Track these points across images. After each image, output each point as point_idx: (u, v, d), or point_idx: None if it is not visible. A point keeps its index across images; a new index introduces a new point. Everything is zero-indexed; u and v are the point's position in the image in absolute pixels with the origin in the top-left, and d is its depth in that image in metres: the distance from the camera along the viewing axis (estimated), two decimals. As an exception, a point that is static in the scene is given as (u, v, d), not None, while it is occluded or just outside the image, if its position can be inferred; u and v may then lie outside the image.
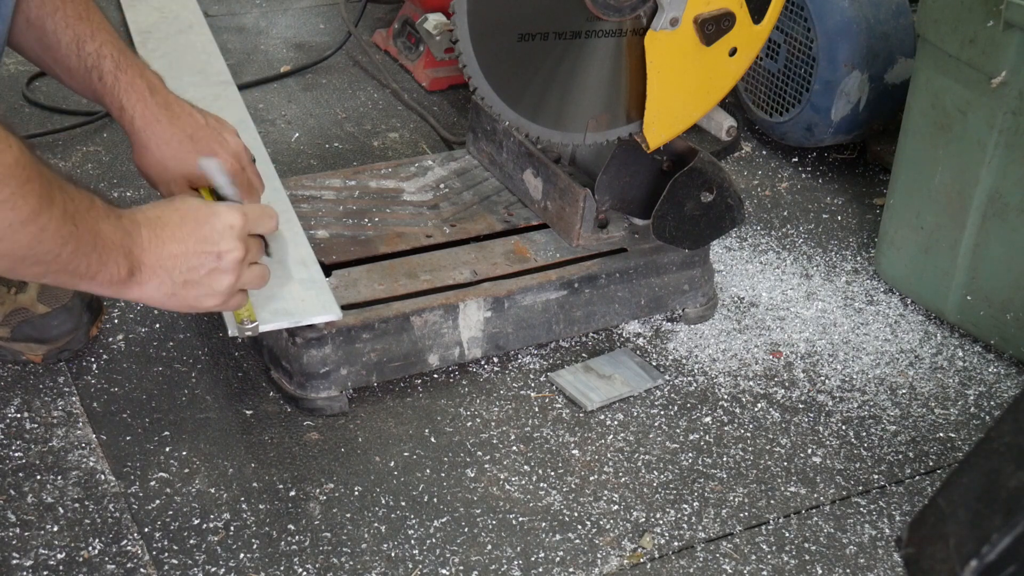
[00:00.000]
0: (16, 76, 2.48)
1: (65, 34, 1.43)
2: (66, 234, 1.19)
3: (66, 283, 1.26)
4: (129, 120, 1.47)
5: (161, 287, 1.32)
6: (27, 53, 1.48)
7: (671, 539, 1.56)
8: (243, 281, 1.39)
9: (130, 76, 1.46)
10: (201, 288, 1.34)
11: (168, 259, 1.31)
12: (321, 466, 1.62)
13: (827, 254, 2.17)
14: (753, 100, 2.43)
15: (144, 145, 1.47)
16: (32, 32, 1.43)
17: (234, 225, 1.35)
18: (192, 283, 1.34)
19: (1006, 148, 1.80)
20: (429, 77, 2.59)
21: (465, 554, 1.51)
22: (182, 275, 1.32)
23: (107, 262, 1.25)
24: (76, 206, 1.21)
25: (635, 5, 1.64)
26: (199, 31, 2.10)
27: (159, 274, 1.31)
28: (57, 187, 1.19)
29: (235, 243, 1.35)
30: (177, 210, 1.33)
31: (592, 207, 1.83)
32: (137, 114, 1.46)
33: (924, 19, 1.87)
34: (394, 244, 1.85)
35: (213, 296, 1.36)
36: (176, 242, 1.31)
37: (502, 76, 1.64)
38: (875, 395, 1.84)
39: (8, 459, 1.58)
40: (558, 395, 1.78)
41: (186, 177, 1.48)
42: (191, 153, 1.48)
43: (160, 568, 1.45)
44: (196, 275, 1.33)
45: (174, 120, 1.48)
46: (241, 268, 1.37)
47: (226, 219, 1.35)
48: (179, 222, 1.32)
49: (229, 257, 1.34)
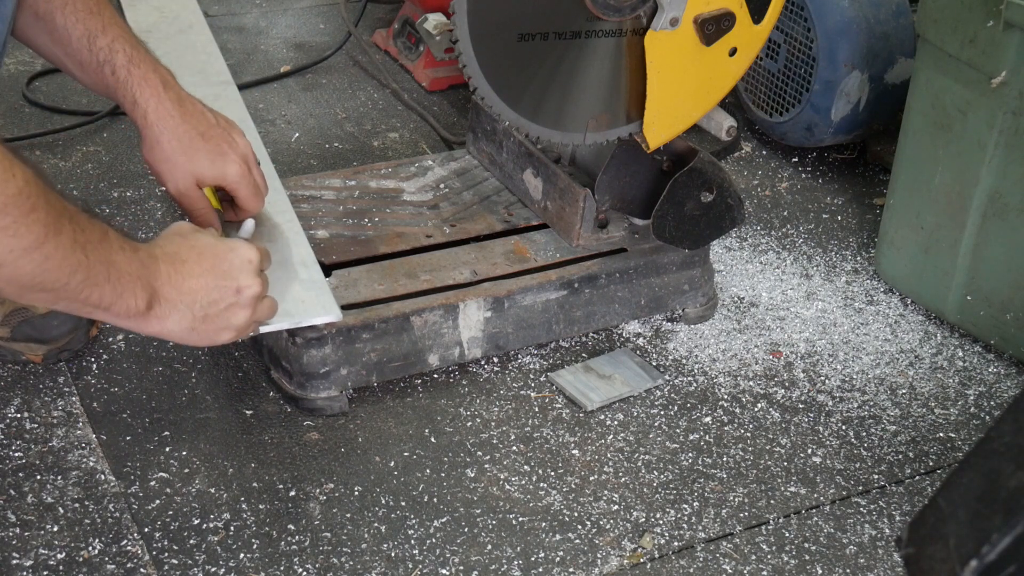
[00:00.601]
0: (16, 76, 2.48)
1: (76, 28, 1.43)
2: (74, 263, 1.20)
3: (83, 313, 1.26)
4: (142, 114, 1.46)
5: (182, 321, 1.32)
6: (38, 48, 1.48)
7: (671, 539, 1.56)
8: (257, 315, 1.41)
9: (143, 71, 1.46)
10: (220, 322, 1.36)
11: (188, 293, 1.32)
12: (321, 466, 1.62)
13: (827, 254, 2.18)
14: (753, 100, 2.43)
15: (156, 140, 1.47)
16: (42, 27, 1.43)
17: (252, 260, 1.37)
18: (211, 317, 1.35)
19: (1006, 148, 1.80)
20: (429, 77, 2.59)
21: (465, 554, 1.51)
22: (202, 309, 1.33)
23: (123, 293, 1.25)
24: (87, 236, 1.21)
25: (635, 5, 1.64)
26: (199, 31, 2.09)
27: (179, 308, 1.32)
28: (67, 217, 1.19)
29: (253, 279, 1.37)
30: (193, 247, 1.35)
31: (592, 207, 1.83)
32: (151, 108, 1.46)
33: (924, 19, 1.87)
34: (394, 244, 1.85)
35: (230, 331, 1.37)
36: (195, 277, 1.32)
37: (502, 76, 1.64)
38: (875, 395, 1.84)
39: (8, 459, 1.58)
40: (558, 395, 1.78)
41: (194, 174, 1.48)
42: (201, 151, 1.48)
43: (160, 568, 1.45)
44: (216, 309, 1.34)
45: (186, 117, 1.48)
46: (256, 302, 1.39)
47: (244, 255, 1.37)
48: (197, 258, 1.34)
49: (248, 292, 1.36)
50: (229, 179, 1.50)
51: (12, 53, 2.55)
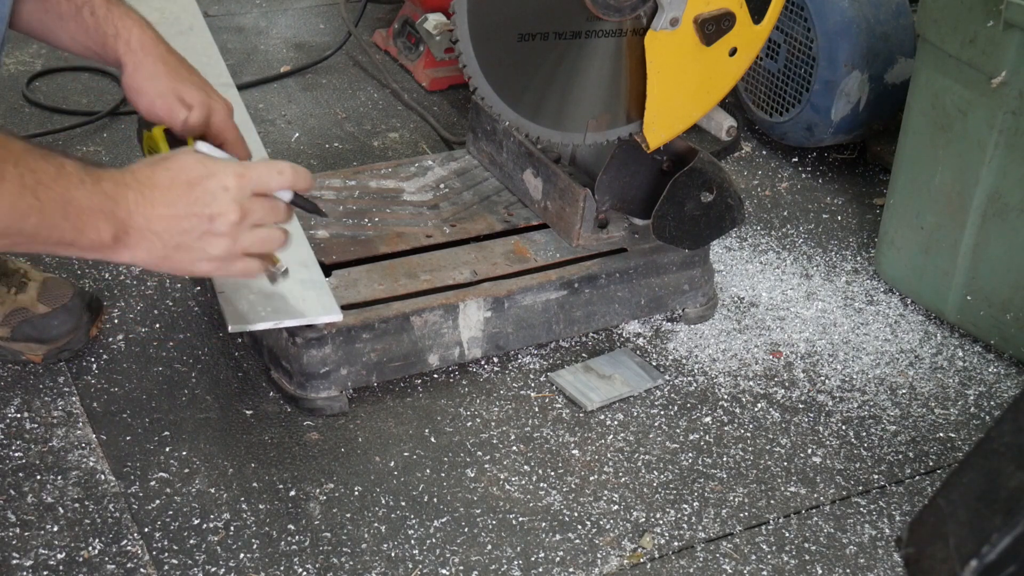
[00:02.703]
0: (16, 76, 2.48)
1: None
2: (24, 208, 1.17)
3: (47, 252, 1.23)
4: (124, 43, 1.44)
5: (152, 250, 1.27)
6: (23, 20, 1.48)
7: (671, 539, 1.56)
8: (244, 245, 1.32)
9: (123, 10, 1.46)
10: (194, 252, 1.29)
11: (157, 221, 1.26)
12: (321, 466, 1.62)
13: (827, 254, 2.18)
14: (753, 100, 2.43)
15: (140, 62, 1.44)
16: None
17: (228, 187, 1.28)
18: (184, 247, 1.28)
19: (1006, 148, 1.80)
20: (429, 77, 2.59)
21: (465, 554, 1.51)
22: (173, 239, 1.27)
23: (84, 229, 1.22)
24: (39, 177, 1.18)
25: (635, 5, 1.64)
26: (199, 33, 2.10)
27: (148, 237, 1.26)
28: (11, 162, 1.16)
29: (229, 206, 1.28)
30: (168, 170, 1.28)
31: (592, 207, 1.83)
32: (133, 37, 1.44)
33: (924, 19, 1.87)
34: (394, 244, 1.85)
35: (208, 261, 1.31)
36: (166, 204, 1.26)
37: (502, 76, 1.64)
38: (875, 395, 1.84)
39: (8, 459, 1.58)
40: (558, 395, 1.78)
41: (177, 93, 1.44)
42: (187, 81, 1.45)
43: (160, 568, 1.45)
44: (189, 239, 1.28)
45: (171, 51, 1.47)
46: (237, 232, 1.30)
47: (221, 180, 1.28)
48: (169, 184, 1.27)
49: (223, 221, 1.28)
50: (216, 114, 1.46)
51: (12, 53, 2.55)
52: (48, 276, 1.74)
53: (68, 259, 1.94)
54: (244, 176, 1.30)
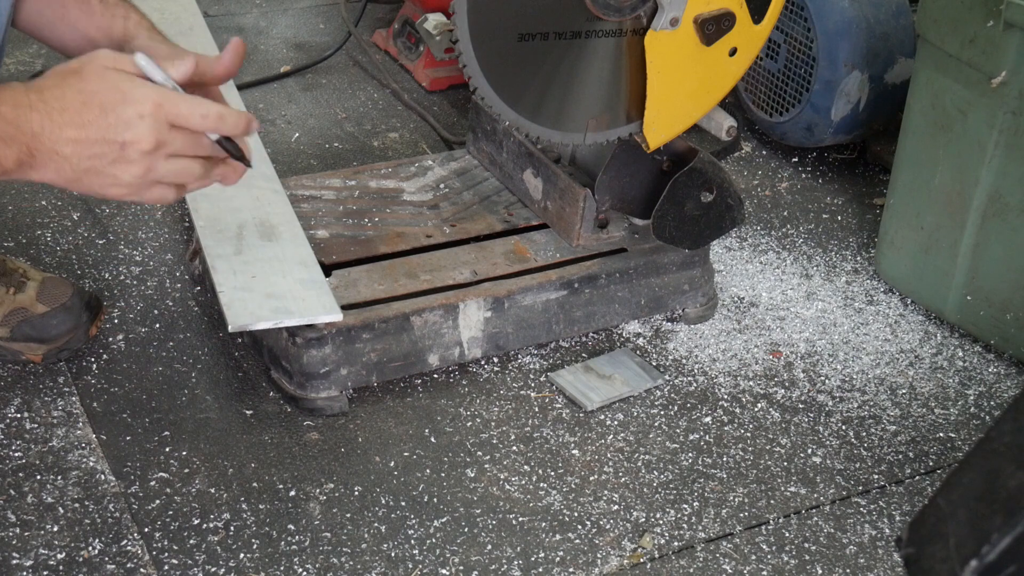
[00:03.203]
0: (16, 76, 2.48)
1: None
2: None
3: None
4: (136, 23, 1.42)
5: (61, 172, 1.24)
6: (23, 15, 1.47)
7: (671, 539, 1.56)
8: (159, 174, 1.27)
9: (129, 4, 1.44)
10: (105, 178, 1.26)
11: (65, 145, 1.22)
12: (321, 466, 1.62)
13: (827, 254, 2.18)
14: (753, 100, 2.43)
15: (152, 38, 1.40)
16: None
17: (144, 115, 1.22)
18: (94, 171, 1.25)
19: (1006, 148, 1.80)
20: (429, 77, 2.59)
21: (465, 554, 1.51)
22: (83, 163, 1.24)
23: None
24: None
25: (635, 5, 1.64)
26: (199, 34, 2.10)
27: (56, 160, 1.23)
28: None
29: (144, 133, 1.23)
30: (82, 92, 1.22)
31: (592, 207, 1.83)
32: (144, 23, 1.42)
33: (924, 19, 1.87)
34: (394, 244, 1.85)
35: (119, 186, 1.27)
36: (75, 127, 1.22)
37: (502, 76, 1.64)
38: (875, 395, 1.84)
39: (8, 459, 1.58)
40: (558, 395, 1.78)
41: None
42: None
43: (160, 568, 1.45)
44: (100, 163, 1.24)
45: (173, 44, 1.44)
46: (152, 160, 1.25)
47: (137, 108, 1.22)
48: (80, 106, 1.22)
49: (134, 148, 1.23)
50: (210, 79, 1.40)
51: (12, 53, 2.55)
52: (47, 276, 1.74)
53: (68, 259, 1.94)
54: (162, 107, 1.25)
